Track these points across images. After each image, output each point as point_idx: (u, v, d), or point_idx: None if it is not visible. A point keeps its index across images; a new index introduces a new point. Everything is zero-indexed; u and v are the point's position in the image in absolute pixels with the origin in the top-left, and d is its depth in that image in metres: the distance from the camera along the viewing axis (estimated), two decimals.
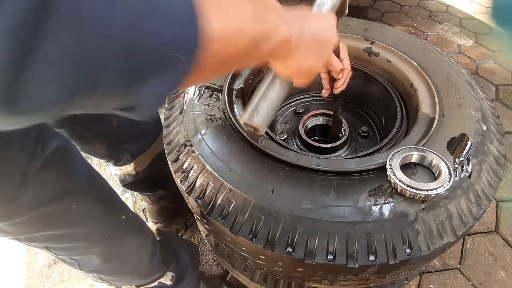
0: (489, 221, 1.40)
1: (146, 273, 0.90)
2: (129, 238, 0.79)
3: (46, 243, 0.65)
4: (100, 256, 0.73)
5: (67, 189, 0.61)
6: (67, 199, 0.61)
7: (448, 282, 1.22)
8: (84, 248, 0.70)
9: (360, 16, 2.71)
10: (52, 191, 0.58)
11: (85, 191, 0.65)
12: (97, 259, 0.74)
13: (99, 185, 0.71)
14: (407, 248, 0.58)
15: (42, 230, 0.61)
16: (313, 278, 0.66)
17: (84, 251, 0.71)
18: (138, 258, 0.84)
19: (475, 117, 0.74)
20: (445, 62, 0.89)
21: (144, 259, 0.86)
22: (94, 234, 0.69)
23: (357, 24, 1.04)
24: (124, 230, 0.77)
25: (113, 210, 0.73)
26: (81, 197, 0.64)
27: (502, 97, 1.95)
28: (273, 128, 1.07)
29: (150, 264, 0.88)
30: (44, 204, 0.57)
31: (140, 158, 1.08)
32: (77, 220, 0.64)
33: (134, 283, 0.93)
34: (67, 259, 0.72)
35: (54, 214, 0.59)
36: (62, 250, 0.68)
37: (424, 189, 0.58)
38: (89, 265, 0.75)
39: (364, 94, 1.07)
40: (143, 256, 0.85)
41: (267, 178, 0.65)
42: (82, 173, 0.65)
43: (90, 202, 0.66)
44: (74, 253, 0.70)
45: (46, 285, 1.33)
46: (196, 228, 1.46)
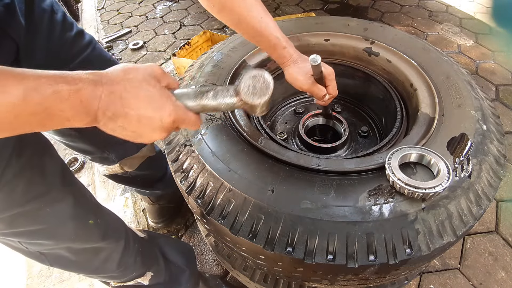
0: (489, 221, 1.40)
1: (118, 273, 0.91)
2: (95, 241, 0.80)
3: (17, 238, 0.68)
4: (68, 251, 0.76)
5: (37, 194, 0.64)
6: (36, 201, 0.64)
7: (448, 282, 1.22)
8: (52, 245, 0.73)
9: (360, 16, 2.72)
10: (23, 195, 0.61)
11: (55, 194, 0.68)
12: (66, 253, 0.76)
13: (71, 188, 0.74)
14: (407, 248, 0.58)
15: (13, 228, 0.64)
16: (313, 278, 0.66)
17: (52, 247, 0.74)
18: (107, 257, 0.85)
19: (475, 117, 0.74)
20: (445, 62, 0.89)
21: (113, 259, 0.87)
22: (60, 233, 0.72)
23: (357, 24, 1.04)
24: (90, 233, 0.79)
25: (81, 213, 0.75)
26: (50, 200, 0.67)
27: (502, 97, 1.95)
28: (273, 128, 1.07)
29: (120, 264, 0.89)
30: (14, 207, 0.61)
31: (127, 160, 1.07)
32: (45, 219, 0.67)
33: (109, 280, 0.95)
34: (37, 253, 0.74)
35: (24, 214, 0.63)
36: (32, 245, 0.71)
37: (423, 187, 0.58)
38: (58, 260, 0.78)
39: (364, 94, 1.07)
40: (112, 255, 0.86)
41: (267, 178, 0.65)
42: (54, 177, 0.68)
43: (59, 204, 0.69)
44: (43, 248, 0.73)
45: (46, 285, 1.33)
46: (196, 228, 1.46)
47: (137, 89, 0.46)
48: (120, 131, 0.47)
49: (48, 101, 0.38)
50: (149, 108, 0.46)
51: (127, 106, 0.45)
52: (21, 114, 0.37)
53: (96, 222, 0.79)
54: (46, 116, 0.39)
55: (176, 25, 2.89)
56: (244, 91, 0.51)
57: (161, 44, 2.69)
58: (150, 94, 0.47)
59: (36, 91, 0.38)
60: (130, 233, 0.93)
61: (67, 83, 0.40)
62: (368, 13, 2.77)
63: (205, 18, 2.93)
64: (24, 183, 0.61)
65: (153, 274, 1.00)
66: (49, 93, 0.38)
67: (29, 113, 0.38)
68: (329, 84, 0.82)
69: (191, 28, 2.83)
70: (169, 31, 2.82)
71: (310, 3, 2.95)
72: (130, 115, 0.45)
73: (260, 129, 0.86)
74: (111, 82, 0.44)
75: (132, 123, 0.46)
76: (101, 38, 2.83)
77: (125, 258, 0.89)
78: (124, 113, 0.45)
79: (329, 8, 2.87)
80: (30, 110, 0.38)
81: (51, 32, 0.76)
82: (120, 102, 0.44)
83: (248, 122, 0.79)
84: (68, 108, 0.40)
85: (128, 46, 2.70)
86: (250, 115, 0.91)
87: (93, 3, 3.51)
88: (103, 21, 3.15)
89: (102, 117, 0.44)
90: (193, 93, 0.53)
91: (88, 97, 0.41)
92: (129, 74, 0.46)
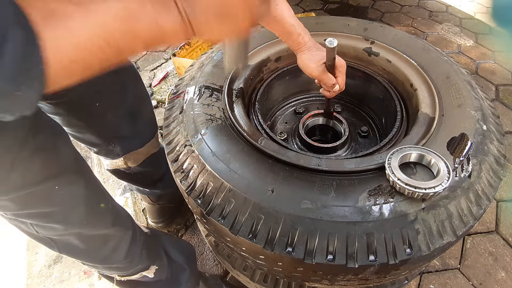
0: (489, 221, 1.40)
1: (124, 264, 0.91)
2: (105, 226, 0.81)
3: (30, 220, 0.69)
4: (78, 238, 0.77)
5: (52, 174, 0.65)
6: (50, 181, 0.65)
7: (448, 282, 1.22)
8: (62, 230, 0.73)
9: (360, 16, 2.72)
10: (38, 174, 0.62)
11: (68, 175, 0.69)
12: (75, 240, 0.77)
13: (83, 171, 0.75)
14: (407, 248, 0.58)
15: (26, 208, 0.65)
16: (313, 278, 0.66)
17: (62, 232, 0.74)
18: (115, 246, 0.86)
19: (475, 117, 0.74)
20: (445, 62, 0.89)
21: (121, 249, 0.87)
22: (72, 216, 0.73)
23: (357, 24, 1.04)
24: (100, 217, 0.80)
25: (92, 196, 0.76)
26: (63, 180, 0.68)
27: (502, 97, 1.95)
28: (273, 128, 1.07)
29: (128, 255, 0.89)
30: (29, 185, 0.62)
31: (131, 155, 1.08)
32: (58, 200, 0.68)
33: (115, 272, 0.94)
34: (47, 238, 0.75)
35: (38, 194, 0.64)
36: (43, 229, 0.72)
37: (423, 187, 0.58)
38: (67, 247, 0.78)
39: (364, 94, 1.07)
40: (121, 244, 0.87)
41: (267, 178, 0.65)
42: (68, 159, 0.69)
43: (72, 185, 0.70)
44: (53, 233, 0.74)
45: (46, 285, 1.33)
46: (196, 228, 1.46)
47: None
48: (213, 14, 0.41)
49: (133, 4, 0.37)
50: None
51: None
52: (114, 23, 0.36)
53: (107, 206, 0.80)
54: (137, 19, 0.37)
55: None
56: None
57: None
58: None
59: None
60: (136, 225, 0.94)
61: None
62: (368, 13, 2.77)
63: None
64: (40, 162, 0.62)
65: (157, 268, 1.00)
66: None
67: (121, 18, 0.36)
68: (338, 76, 0.83)
69: None
70: None
71: (310, 3, 2.95)
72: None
73: (260, 129, 0.86)
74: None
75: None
76: None
77: (132, 248, 0.89)
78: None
79: (329, 8, 2.87)
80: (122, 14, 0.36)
81: None
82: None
83: (248, 122, 0.80)
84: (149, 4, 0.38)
85: None
86: (250, 115, 0.91)
87: None
88: None
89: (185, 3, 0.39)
90: None
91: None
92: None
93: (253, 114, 0.91)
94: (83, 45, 0.35)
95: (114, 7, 0.36)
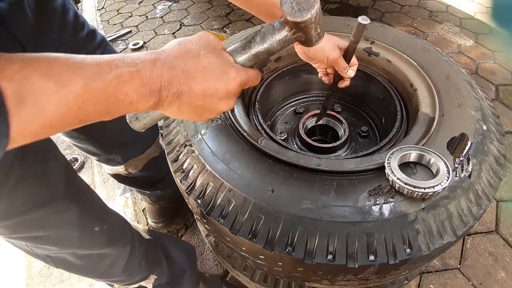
0: (489, 221, 1.40)
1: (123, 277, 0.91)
2: (100, 248, 0.80)
3: (23, 242, 0.68)
4: (74, 256, 0.76)
5: (40, 203, 0.62)
6: (39, 209, 0.62)
7: (448, 282, 1.22)
8: (57, 250, 0.72)
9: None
10: (25, 205, 0.60)
11: (59, 202, 0.66)
12: (71, 258, 0.76)
13: (76, 196, 0.72)
14: (407, 248, 0.58)
15: (17, 233, 0.64)
16: (313, 278, 0.66)
17: (57, 252, 0.73)
18: (112, 262, 0.85)
19: (475, 117, 0.74)
20: (445, 62, 0.89)
21: (119, 264, 0.87)
22: (65, 240, 0.71)
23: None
24: (95, 240, 0.78)
25: (86, 221, 0.74)
26: (53, 207, 0.65)
27: (502, 97, 1.95)
28: (273, 128, 1.07)
29: (126, 269, 0.89)
30: (16, 215, 0.59)
31: (132, 161, 1.07)
32: (49, 226, 0.66)
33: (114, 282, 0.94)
34: (44, 256, 0.74)
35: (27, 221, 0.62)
36: (38, 249, 0.71)
37: (422, 186, 0.58)
38: (63, 263, 0.77)
39: (364, 94, 1.07)
40: (118, 260, 0.86)
41: (267, 178, 0.65)
42: (58, 184, 0.66)
43: (63, 213, 0.68)
44: (49, 252, 0.73)
45: (46, 285, 1.33)
46: (196, 228, 1.46)
47: (197, 60, 0.44)
48: (186, 108, 0.45)
49: (110, 87, 0.37)
50: (212, 77, 0.44)
51: (190, 79, 0.43)
52: (85, 105, 0.35)
53: (102, 228, 0.78)
54: (110, 103, 0.38)
55: (176, 25, 2.89)
56: (290, 12, 0.45)
57: (161, 44, 2.68)
58: (211, 63, 0.44)
59: (97, 78, 0.36)
60: (136, 236, 0.93)
61: (127, 64, 0.38)
62: (368, 13, 2.77)
63: (205, 18, 2.93)
64: (27, 191, 0.59)
65: (156, 277, 1.00)
66: (110, 78, 0.37)
67: (92, 102, 0.36)
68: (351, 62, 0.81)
69: (191, 28, 2.83)
70: (169, 31, 2.82)
71: None
72: (194, 89, 0.43)
73: (260, 129, 0.86)
74: (170, 58, 0.42)
75: (198, 96, 0.44)
76: None
77: (130, 263, 0.89)
78: (188, 87, 0.43)
79: (329, 8, 2.87)
80: (93, 99, 0.36)
81: (63, 33, 0.74)
82: (182, 77, 0.42)
83: (248, 122, 0.79)
84: (131, 90, 0.38)
85: (128, 46, 2.70)
86: (250, 115, 0.91)
87: (93, 3, 3.51)
88: (103, 21, 3.14)
89: (166, 96, 0.42)
90: (241, 46, 0.49)
91: (150, 77, 0.40)
92: (185, 46, 0.44)
93: (253, 114, 0.91)
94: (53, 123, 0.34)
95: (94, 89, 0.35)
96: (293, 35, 0.47)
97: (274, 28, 0.47)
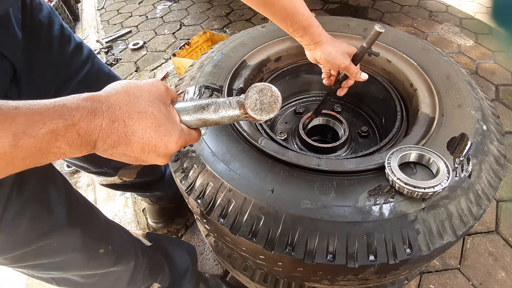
0: (489, 221, 1.40)
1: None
2: (106, 267, 0.79)
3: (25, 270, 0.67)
4: (77, 276, 0.76)
5: (42, 231, 0.61)
6: (42, 239, 0.61)
7: (448, 282, 1.22)
8: (61, 274, 0.72)
9: (360, 16, 2.71)
10: (27, 234, 0.58)
11: (62, 229, 0.65)
12: (75, 278, 0.76)
13: (79, 220, 0.70)
14: (407, 248, 0.58)
15: (20, 263, 0.62)
16: (313, 278, 0.66)
17: (61, 275, 0.73)
18: (117, 277, 0.85)
19: (475, 117, 0.74)
20: (445, 62, 0.89)
21: (123, 279, 0.86)
22: (70, 265, 0.71)
23: (357, 24, 1.04)
24: (100, 262, 0.77)
25: (90, 244, 0.72)
26: (56, 235, 0.64)
27: (502, 97, 1.95)
28: (273, 128, 1.07)
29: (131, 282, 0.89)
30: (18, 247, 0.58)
31: (125, 171, 1.06)
32: (53, 254, 0.65)
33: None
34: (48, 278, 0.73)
35: (30, 252, 0.60)
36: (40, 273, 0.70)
37: (422, 186, 0.58)
38: (67, 282, 0.77)
39: (364, 94, 1.07)
40: (122, 276, 0.86)
41: (267, 178, 0.65)
42: (60, 210, 0.64)
43: (67, 239, 0.66)
44: (52, 275, 0.73)
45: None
46: (196, 228, 1.46)
47: (141, 114, 0.42)
48: (119, 156, 0.44)
49: (43, 142, 0.35)
50: (155, 135, 0.43)
51: (131, 134, 0.41)
52: (13, 160, 0.34)
53: (107, 249, 0.76)
54: (41, 155, 0.36)
55: (176, 25, 2.89)
56: (251, 107, 0.48)
57: (161, 44, 2.69)
58: (156, 119, 0.43)
59: (29, 134, 0.34)
60: (139, 248, 0.92)
61: (63, 117, 0.36)
62: (368, 13, 2.77)
63: (205, 18, 2.93)
64: (27, 222, 0.57)
65: (160, 286, 1.01)
66: (43, 133, 0.35)
67: (22, 157, 0.35)
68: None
69: (191, 28, 2.83)
70: (169, 31, 2.82)
71: (310, 3, 2.95)
72: (133, 143, 0.42)
73: (260, 129, 0.86)
74: (113, 109, 0.40)
75: (135, 150, 0.43)
76: (101, 38, 2.83)
77: (134, 275, 0.89)
78: (127, 141, 0.41)
79: (329, 8, 2.87)
80: (23, 155, 0.34)
81: (49, 47, 0.72)
82: (123, 130, 0.41)
83: (248, 122, 0.79)
84: (64, 144, 0.37)
85: (128, 46, 2.70)
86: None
87: (93, 3, 3.51)
88: (103, 21, 3.15)
89: (102, 145, 0.41)
90: (193, 107, 0.50)
91: (87, 129, 0.38)
92: (132, 96, 0.42)
93: None
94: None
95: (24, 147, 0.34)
96: (244, 118, 0.50)
97: (230, 106, 0.49)
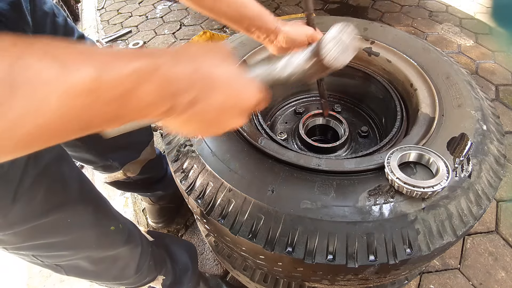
0: (489, 221, 1.40)
1: (134, 279, 0.91)
2: (117, 247, 0.79)
3: (33, 252, 0.65)
4: (87, 261, 0.75)
5: (57, 203, 0.61)
6: (56, 212, 0.61)
7: (448, 282, 1.22)
8: (71, 256, 0.71)
9: (360, 16, 2.71)
10: (42, 206, 0.58)
11: (75, 203, 0.65)
12: (84, 263, 0.75)
13: (91, 195, 0.71)
14: (407, 248, 0.58)
15: (30, 240, 0.61)
16: (313, 278, 0.66)
17: (70, 258, 0.72)
18: (125, 264, 0.85)
19: (475, 117, 0.74)
20: (445, 62, 0.89)
21: (131, 266, 0.86)
22: (82, 243, 0.70)
23: (357, 24, 1.04)
24: (112, 240, 0.77)
25: (102, 220, 0.73)
26: (70, 209, 0.64)
27: (502, 97, 1.95)
28: (273, 128, 1.07)
29: (138, 270, 0.89)
30: (33, 218, 0.58)
31: (130, 165, 1.07)
32: (65, 230, 0.65)
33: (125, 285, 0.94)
34: (53, 265, 0.72)
35: (43, 226, 0.60)
36: (48, 258, 0.69)
37: (421, 186, 0.58)
38: (75, 270, 0.76)
39: (364, 94, 1.07)
40: (130, 262, 0.86)
41: (267, 178, 0.65)
42: (73, 184, 0.65)
43: (80, 213, 0.67)
44: (60, 260, 0.71)
45: (47, 285, 1.33)
46: (196, 228, 1.46)
47: (219, 68, 0.37)
48: (195, 121, 0.37)
49: (127, 82, 0.29)
50: (235, 90, 0.39)
51: (211, 87, 0.36)
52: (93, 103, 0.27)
53: (118, 227, 0.77)
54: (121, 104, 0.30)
55: (176, 25, 2.89)
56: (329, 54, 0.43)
57: (161, 44, 2.69)
58: (233, 73, 0.39)
59: (112, 69, 0.28)
60: (144, 237, 0.93)
61: (146, 59, 0.31)
62: (368, 13, 2.77)
63: (205, 18, 2.93)
64: (43, 191, 0.57)
65: (164, 278, 1.00)
66: (128, 71, 0.29)
67: (103, 101, 0.28)
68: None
69: (191, 28, 2.83)
70: (169, 31, 2.82)
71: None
72: (213, 99, 0.37)
73: (260, 129, 0.86)
74: (191, 59, 0.35)
75: (213, 108, 0.37)
76: (101, 38, 2.83)
77: (141, 262, 0.89)
78: (206, 96, 0.36)
79: (329, 8, 2.86)
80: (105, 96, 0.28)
81: (55, 35, 0.74)
82: (203, 83, 0.35)
83: (248, 122, 0.79)
84: (148, 91, 0.31)
85: (128, 46, 2.70)
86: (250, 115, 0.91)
87: (93, 3, 3.51)
88: (103, 21, 3.14)
89: (180, 103, 0.34)
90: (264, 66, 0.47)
91: (169, 77, 0.32)
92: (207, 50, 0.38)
93: (253, 114, 0.91)
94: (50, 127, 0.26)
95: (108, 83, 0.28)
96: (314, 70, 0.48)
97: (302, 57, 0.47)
